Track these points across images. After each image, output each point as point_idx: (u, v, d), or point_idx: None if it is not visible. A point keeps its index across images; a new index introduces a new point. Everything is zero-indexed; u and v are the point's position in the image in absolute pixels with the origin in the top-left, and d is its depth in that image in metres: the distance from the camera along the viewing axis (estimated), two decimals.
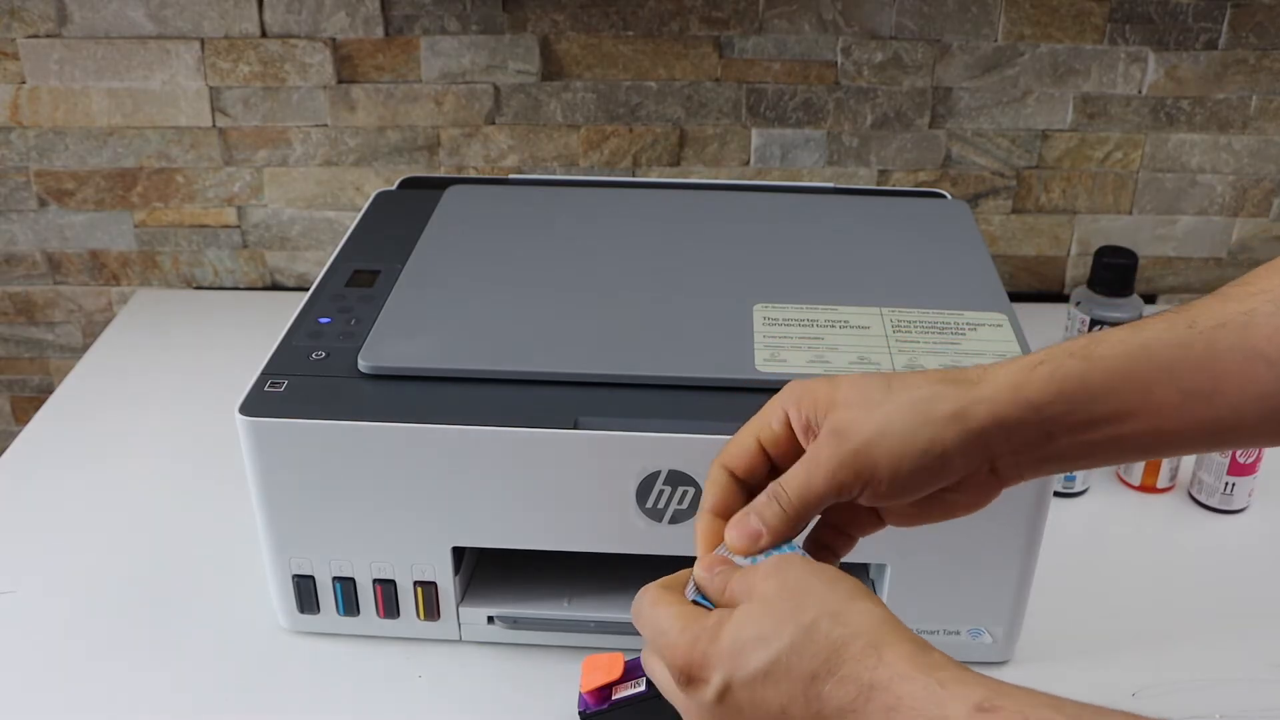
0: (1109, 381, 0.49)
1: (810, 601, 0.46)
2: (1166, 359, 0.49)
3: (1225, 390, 0.49)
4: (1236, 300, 0.50)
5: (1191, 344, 0.49)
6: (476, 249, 0.86)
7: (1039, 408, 0.50)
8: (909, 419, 0.49)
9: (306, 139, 1.15)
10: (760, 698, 0.45)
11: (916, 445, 0.49)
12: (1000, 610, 0.74)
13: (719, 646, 0.46)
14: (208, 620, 0.80)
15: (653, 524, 0.70)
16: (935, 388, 0.50)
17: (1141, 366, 0.49)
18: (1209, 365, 0.49)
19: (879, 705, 0.43)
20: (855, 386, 0.51)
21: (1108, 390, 0.49)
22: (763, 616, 0.46)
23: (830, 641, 0.44)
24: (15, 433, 1.04)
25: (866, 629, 0.44)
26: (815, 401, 0.51)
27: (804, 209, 0.94)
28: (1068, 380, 0.50)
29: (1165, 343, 0.49)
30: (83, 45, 1.10)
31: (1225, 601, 0.82)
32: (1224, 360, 0.49)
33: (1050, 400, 0.50)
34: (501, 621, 0.77)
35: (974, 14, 1.09)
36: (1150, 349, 0.49)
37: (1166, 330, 0.50)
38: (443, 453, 0.69)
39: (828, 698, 0.44)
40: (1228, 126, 1.14)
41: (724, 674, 0.46)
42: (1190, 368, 0.49)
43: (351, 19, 1.09)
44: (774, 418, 0.52)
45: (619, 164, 1.16)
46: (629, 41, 1.10)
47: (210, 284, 1.23)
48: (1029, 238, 1.20)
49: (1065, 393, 0.50)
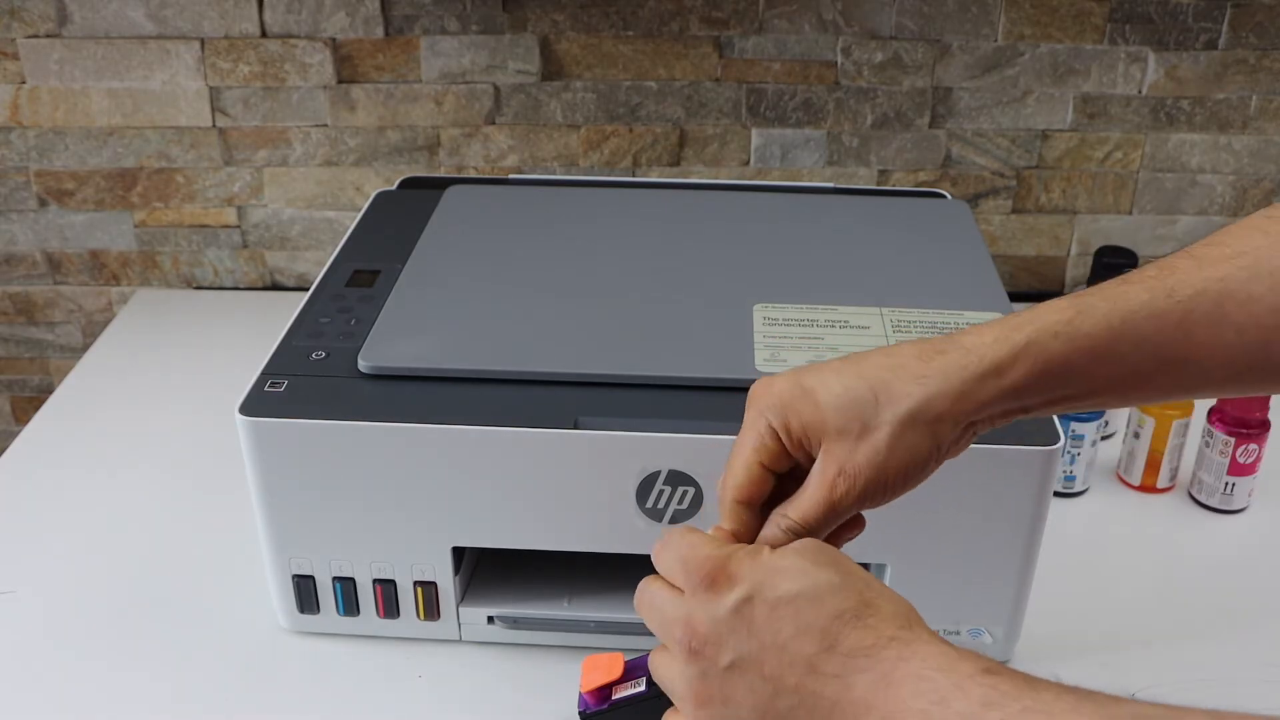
0: (1090, 361, 0.50)
1: (850, 566, 0.48)
2: (1146, 331, 0.50)
3: (1196, 357, 0.50)
4: (1212, 265, 0.51)
5: (1169, 313, 0.50)
6: (476, 249, 0.86)
7: (1020, 391, 0.51)
8: (910, 438, 0.50)
9: (306, 139, 1.15)
10: (778, 619, 0.46)
11: (919, 456, 0.51)
12: (1000, 610, 0.74)
13: (758, 562, 0.48)
14: (208, 620, 0.80)
15: (653, 524, 0.70)
16: (921, 387, 0.50)
17: (1121, 341, 0.50)
18: (1184, 336, 0.50)
19: (893, 654, 0.44)
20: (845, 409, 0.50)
21: (1088, 369, 0.51)
22: (803, 556, 0.48)
23: (864, 596, 0.46)
24: (15, 433, 1.04)
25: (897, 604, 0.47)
26: (802, 419, 0.51)
27: (804, 209, 0.94)
28: (1050, 363, 0.50)
29: (1146, 314, 0.50)
30: (83, 45, 1.10)
31: (1225, 601, 0.82)
32: (1198, 329, 0.50)
33: (1032, 384, 0.51)
34: (501, 621, 0.77)
35: (974, 14, 1.09)
36: (1130, 323, 0.50)
37: (1149, 300, 0.51)
38: (443, 453, 0.69)
39: (846, 636, 0.45)
40: (1228, 126, 1.14)
41: (751, 586, 0.47)
42: (1167, 339, 0.50)
43: (351, 19, 1.09)
44: (765, 434, 0.52)
45: (619, 164, 1.16)
46: (629, 41, 1.10)
47: (210, 284, 1.23)
48: (1029, 238, 1.20)
49: (1047, 375, 0.51)
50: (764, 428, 0.52)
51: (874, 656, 0.44)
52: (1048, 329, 0.50)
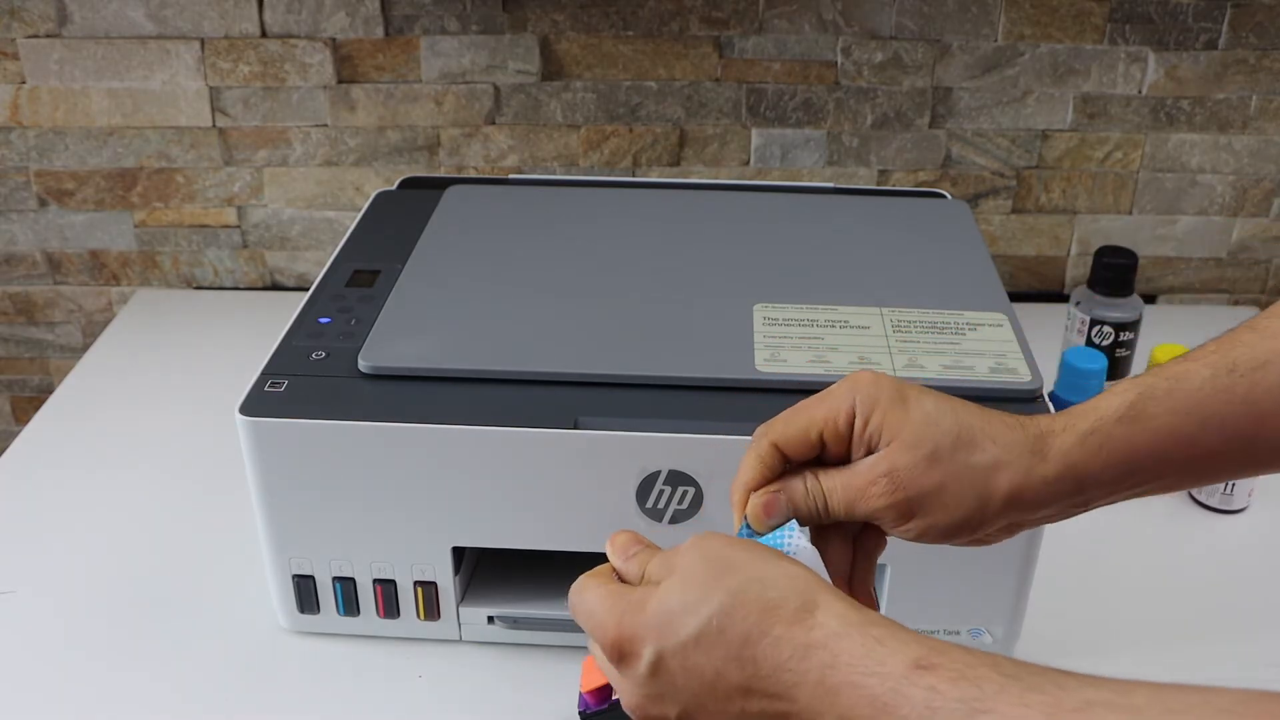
0: (1156, 445, 0.50)
1: (735, 568, 0.45)
2: (1211, 409, 0.49)
3: (1266, 432, 0.49)
4: (1274, 336, 0.50)
5: (1234, 389, 0.49)
6: (476, 249, 0.86)
7: (1083, 480, 0.50)
8: (966, 486, 0.50)
9: (306, 139, 1.15)
10: (693, 665, 0.45)
11: (963, 510, 0.50)
12: (1000, 610, 0.74)
13: (646, 618, 0.46)
14: (208, 620, 0.80)
15: (653, 524, 0.70)
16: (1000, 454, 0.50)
17: (1187, 421, 0.50)
18: (1251, 410, 0.49)
19: (816, 663, 0.42)
20: (927, 429, 0.50)
21: (1156, 455, 0.50)
22: (687, 586, 0.46)
23: (761, 604, 0.44)
24: (15, 433, 1.04)
25: (796, 591, 0.44)
26: (884, 422, 0.51)
27: (804, 209, 0.94)
28: (1116, 451, 0.50)
29: (1210, 393, 0.50)
30: (83, 45, 1.10)
31: (1225, 601, 0.82)
32: (1264, 402, 0.49)
33: (1098, 471, 0.50)
34: (501, 621, 0.77)
35: (974, 14, 1.09)
36: (1195, 401, 0.50)
37: (1210, 379, 0.50)
38: (443, 453, 0.69)
39: (762, 659, 0.43)
40: (1228, 126, 1.14)
41: (654, 645, 0.46)
42: (1234, 415, 0.49)
43: (351, 19, 1.09)
44: (841, 414, 0.52)
45: (619, 164, 1.16)
46: (629, 41, 1.10)
47: (210, 284, 1.23)
48: (1029, 238, 1.20)
49: (1112, 463, 0.50)
50: (847, 405, 0.51)
51: (800, 669, 0.42)
52: (1112, 413, 0.50)
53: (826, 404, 0.52)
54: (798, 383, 0.71)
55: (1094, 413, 0.51)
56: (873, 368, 0.71)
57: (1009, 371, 0.72)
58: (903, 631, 0.42)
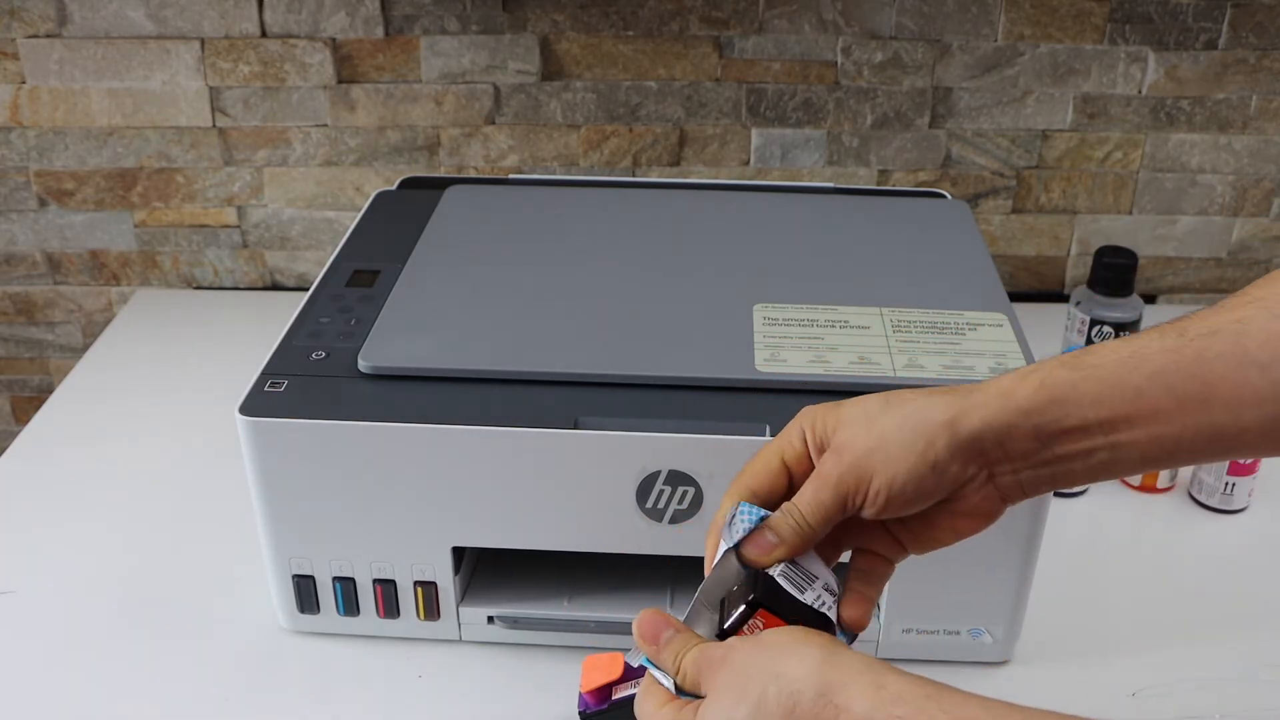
0: (1100, 388, 0.50)
1: (754, 674, 0.47)
2: (1157, 364, 0.50)
3: (1219, 395, 0.49)
4: (1230, 309, 0.50)
5: (1181, 350, 0.49)
6: (476, 249, 0.86)
7: (1029, 413, 0.51)
8: (904, 430, 0.51)
9: (306, 139, 1.15)
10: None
11: (912, 453, 0.51)
12: (1000, 610, 0.74)
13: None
14: (208, 620, 0.80)
15: (653, 524, 0.70)
16: (928, 399, 0.52)
17: (1131, 372, 0.50)
18: (1200, 371, 0.49)
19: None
20: (857, 405, 0.54)
21: (1099, 396, 0.50)
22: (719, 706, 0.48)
23: (781, 706, 0.46)
24: (15, 433, 1.04)
25: (809, 678, 0.46)
26: (825, 422, 0.54)
27: (804, 209, 0.94)
28: (1058, 387, 0.50)
29: (1156, 349, 0.50)
30: (83, 45, 1.10)
31: (1225, 601, 0.82)
32: (1215, 365, 0.49)
33: (1041, 406, 0.50)
34: (501, 621, 0.77)
35: (974, 14, 1.09)
36: (1140, 355, 0.50)
37: (1158, 338, 0.50)
38: (443, 453, 0.69)
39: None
40: (1228, 126, 1.14)
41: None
42: (1182, 374, 0.49)
43: (351, 19, 1.09)
44: (794, 436, 0.55)
45: (619, 164, 1.16)
46: (629, 41, 1.10)
47: (210, 284, 1.23)
48: (1029, 238, 1.20)
49: (1056, 398, 0.50)
50: (795, 431, 0.55)
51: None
52: (1054, 361, 0.52)
53: (780, 436, 0.55)
54: (798, 383, 0.71)
55: (1035, 364, 0.52)
56: (874, 366, 0.71)
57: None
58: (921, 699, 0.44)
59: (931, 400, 0.52)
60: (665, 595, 0.77)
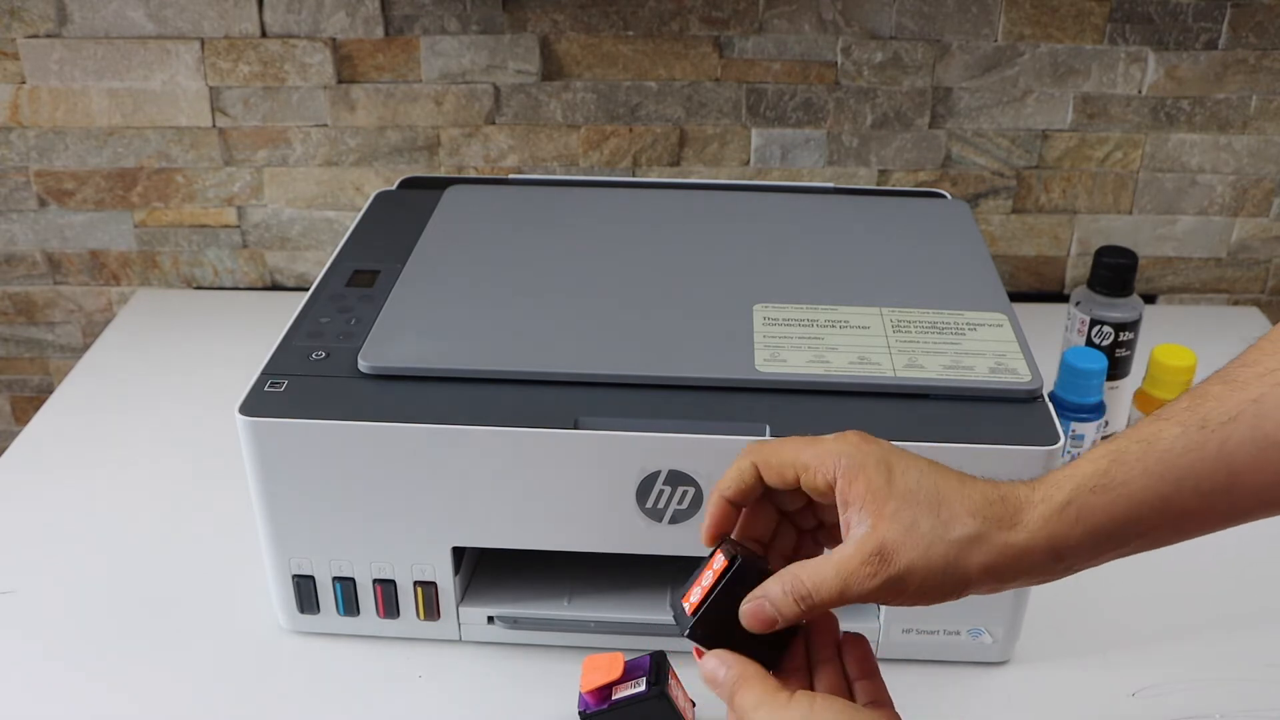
0: (1131, 508, 0.50)
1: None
2: (1183, 468, 0.49)
3: (1242, 482, 0.49)
4: (1245, 387, 0.50)
5: (1205, 445, 0.49)
6: (476, 249, 0.86)
7: (1061, 551, 0.51)
8: (949, 557, 0.50)
9: (306, 139, 1.15)
10: None
11: (949, 581, 0.51)
12: (1000, 610, 0.74)
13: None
14: (208, 620, 0.80)
15: (653, 524, 0.70)
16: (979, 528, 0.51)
17: (1160, 483, 0.50)
18: (1224, 464, 0.49)
19: None
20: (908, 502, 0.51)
21: (1130, 517, 0.50)
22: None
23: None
24: (15, 433, 1.04)
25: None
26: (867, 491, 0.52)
27: (804, 209, 0.94)
28: (1094, 519, 0.50)
29: (1180, 451, 0.49)
30: (83, 45, 1.10)
31: (1225, 601, 0.82)
32: (1238, 455, 0.49)
33: (1076, 542, 0.51)
34: (501, 621, 0.77)
35: (974, 14, 1.09)
36: (1166, 462, 0.50)
37: (1180, 436, 0.50)
38: (443, 453, 0.69)
39: None
40: (1228, 126, 1.14)
41: None
42: (1207, 470, 0.49)
43: (351, 19, 1.09)
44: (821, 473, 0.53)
45: (619, 164, 1.16)
46: (629, 41, 1.11)
47: (210, 284, 1.23)
48: (1029, 238, 1.20)
49: (1091, 532, 0.50)
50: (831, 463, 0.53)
51: None
52: (1086, 483, 0.51)
53: (814, 450, 0.53)
54: (798, 383, 0.71)
55: (1069, 481, 0.51)
56: (874, 367, 0.71)
57: (1009, 371, 0.72)
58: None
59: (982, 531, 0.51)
60: (665, 595, 0.77)
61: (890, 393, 0.71)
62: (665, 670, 0.65)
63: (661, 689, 0.63)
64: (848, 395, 0.70)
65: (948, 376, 0.71)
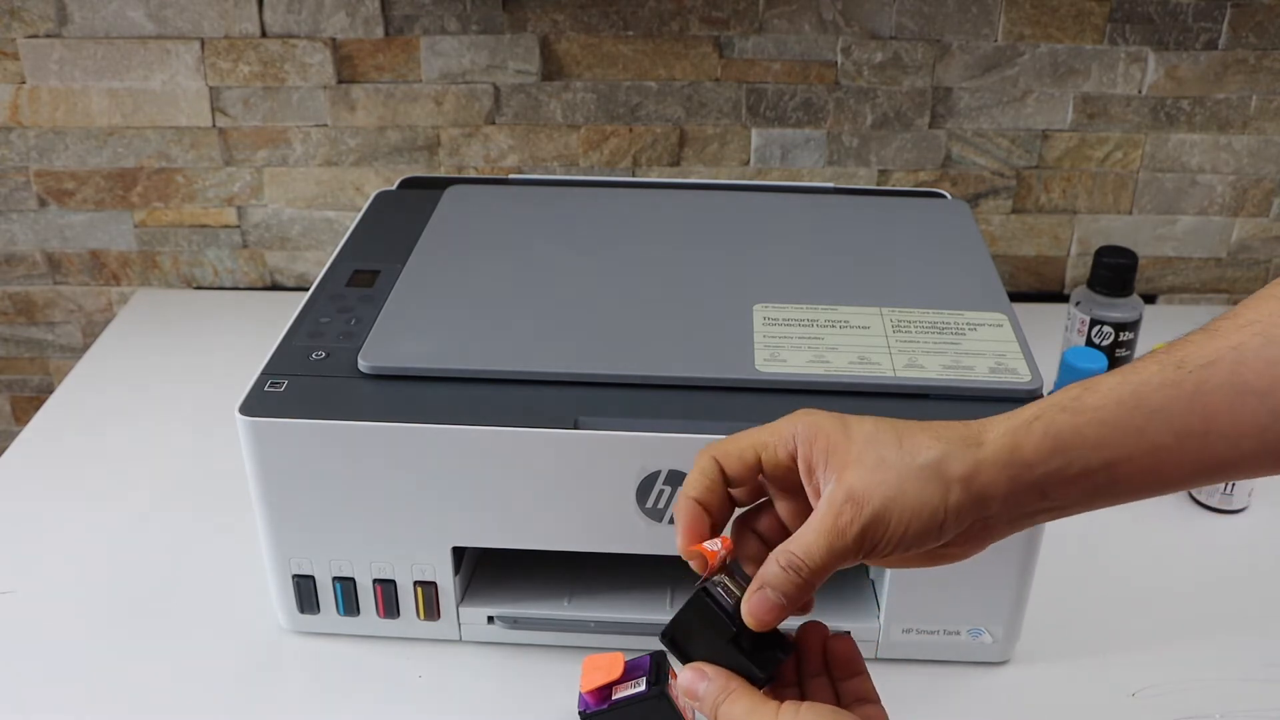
0: (1102, 431, 0.50)
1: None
2: (1157, 402, 0.49)
3: (1218, 428, 0.49)
4: (1225, 335, 0.50)
5: (1181, 383, 0.49)
6: (476, 249, 0.86)
7: (1034, 465, 0.50)
8: (921, 480, 0.50)
9: (306, 139, 1.15)
10: None
11: (927, 507, 0.50)
12: (1000, 610, 0.74)
13: None
14: (208, 620, 0.80)
15: (653, 524, 0.70)
16: (944, 448, 0.51)
17: (1133, 413, 0.49)
18: (1199, 404, 0.49)
19: None
20: (869, 443, 0.51)
21: (1101, 440, 0.50)
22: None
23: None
24: (15, 433, 1.04)
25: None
26: (828, 447, 0.51)
27: (804, 209, 0.94)
28: (1062, 435, 0.50)
29: (1155, 385, 0.49)
30: (83, 45, 1.10)
31: (1225, 601, 0.82)
32: (1214, 398, 0.49)
33: (1045, 457, 0.50)
34: (501, 621, 0.77)
35: (974, 14, 1.09)
36: (1140, 394, 0.50)
37: (1157, 373, 0.50)
38: (443, 453, 0.69)
39: None
40: (1228, 126, 1.14)
41: None
42: (1181, 409, 0.49)
43: (351, 19, 1.09)
44: (781, 445, 0.53)
45: (619, 164, 1.16)
46: (629, 41, 1.11)
47: (210, 284, 1.23)
48: (1029, 238, 1.20)
49: (1060, 447, 0.50)
50: (788, 433, 0.53)
51: None
52: (1055, 404, 0.51)
53: (768, 430, 0.53)
54: (798, 383, 0.71)
55: (1038, 405, 0.51)
56: (874, 366, 0.71)
57: (1009, 371, 0.72)
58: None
59: (948, 449, 0.50)
60: (665, 595, 0.77)
61: (890, 393, 0.71)
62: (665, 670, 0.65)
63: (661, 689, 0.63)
64: (848, 395, 0.70)
65: (948, 376, 0.71)
